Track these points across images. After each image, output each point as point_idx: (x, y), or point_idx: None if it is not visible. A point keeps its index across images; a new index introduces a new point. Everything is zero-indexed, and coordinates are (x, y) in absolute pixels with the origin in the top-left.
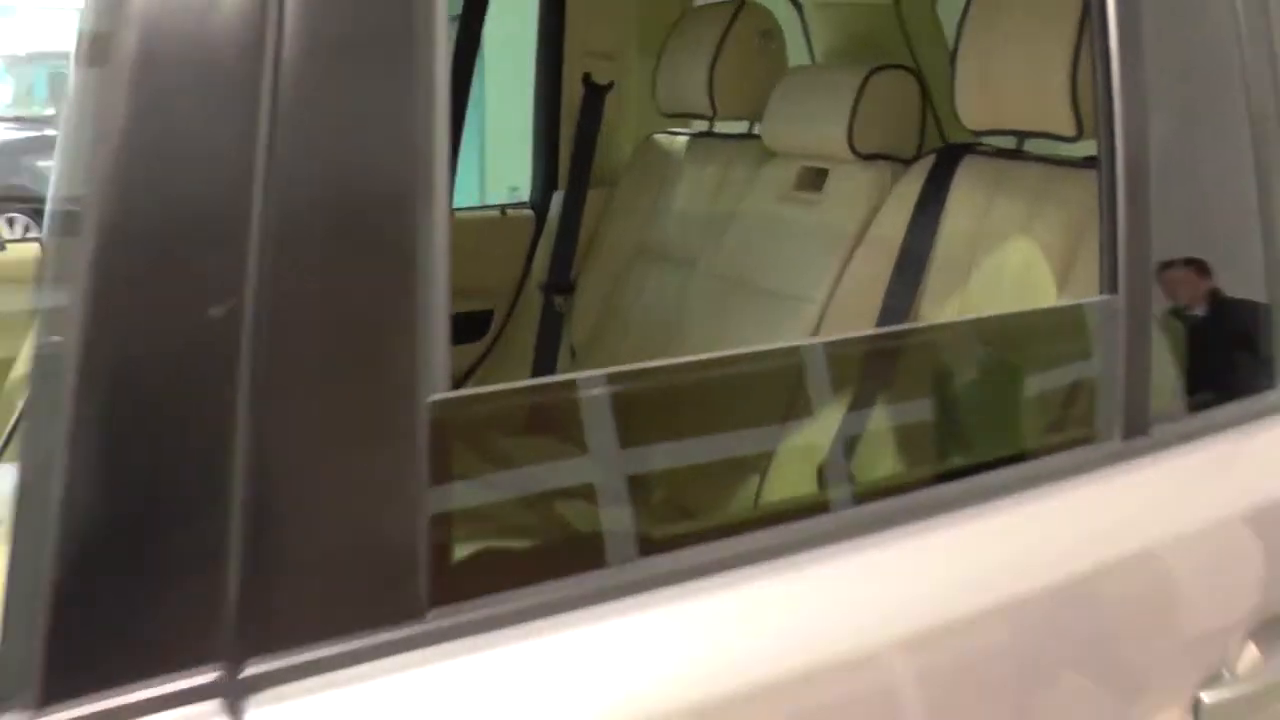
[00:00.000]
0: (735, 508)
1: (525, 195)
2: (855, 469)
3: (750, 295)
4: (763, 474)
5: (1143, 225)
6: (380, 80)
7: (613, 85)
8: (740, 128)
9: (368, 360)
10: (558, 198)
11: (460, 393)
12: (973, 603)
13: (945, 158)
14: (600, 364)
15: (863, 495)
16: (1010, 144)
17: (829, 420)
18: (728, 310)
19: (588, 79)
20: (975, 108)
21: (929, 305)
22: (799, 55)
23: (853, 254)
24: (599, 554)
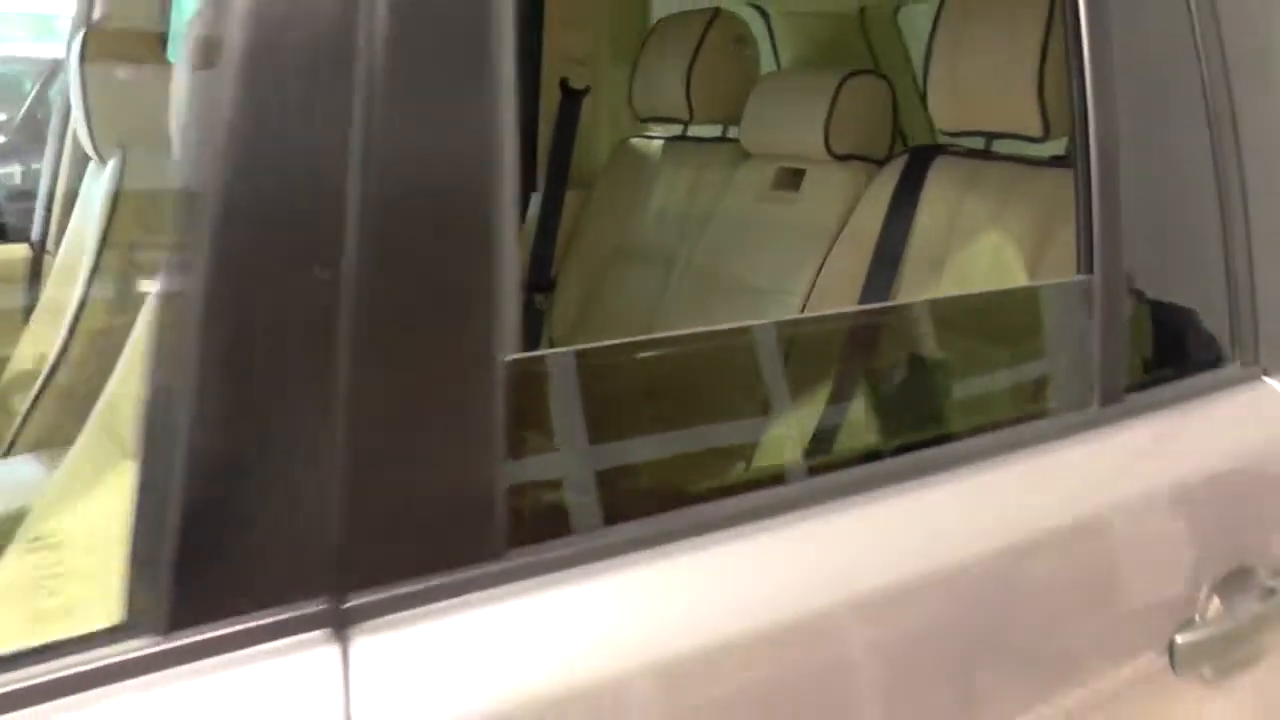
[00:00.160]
0: (781, 461)
1: None
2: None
3: (731, 290)
4: (796, 434)
5: (1114, 212)
6: (458, 75)
7: (589, 90)
8: (713, 131)
9: (450, 323)
10: (536, 199)
11: (531, 354)
12: (970, 552)
13: (918, 158)
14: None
15: (878, 453)
16: (979, 145)
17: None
18: (708, 305)
19: (564, 84)
20: (947, 110)
21: (906, 296)
22: (765, 63)
23: (831, 250)
24: (654, 501)
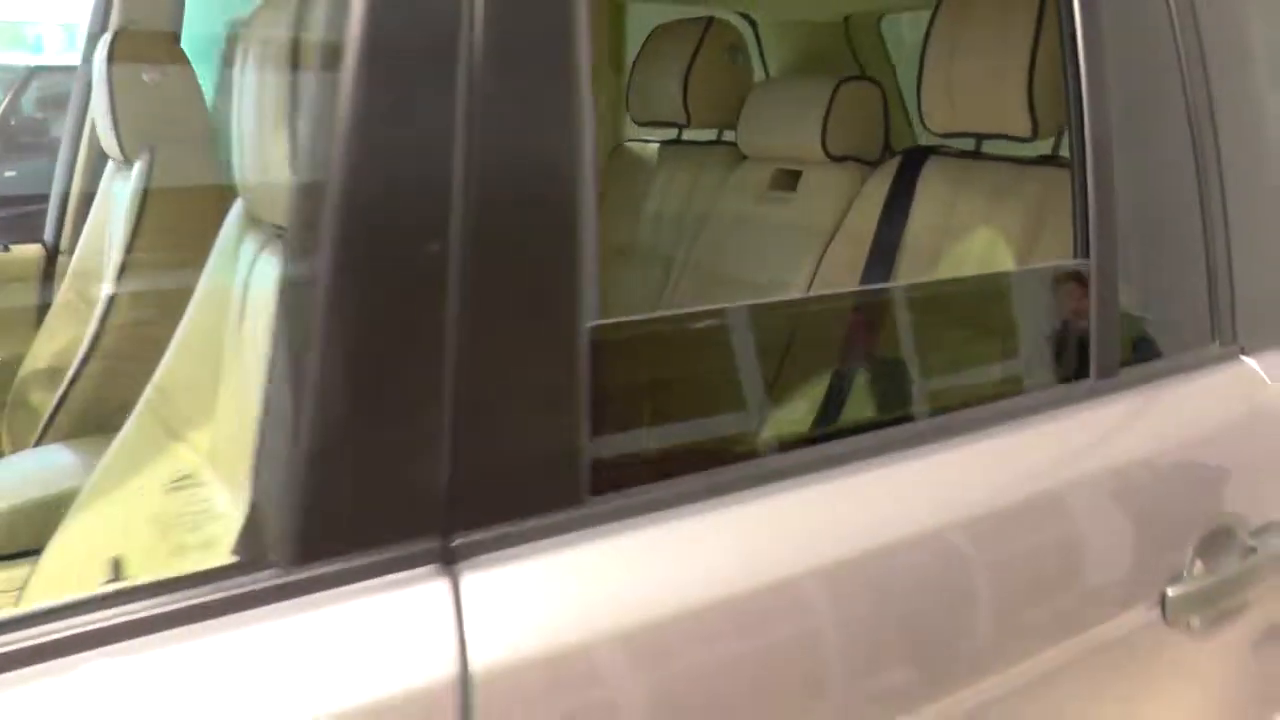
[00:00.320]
0: (820, 423)
1: None
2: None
3: (731, 286)
4: (833, 396)
5: (1108, 202)
6: (545, 77)
7: None
8: (708, 135)
9: (542, 294)
10: None
11: (612, 320)
12: (981, 508)
13: (910, 159)
14: None
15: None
16: (969, 146)
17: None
18: (709, 301)
19: None
20: (940, 113)
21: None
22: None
23: (828, 246)
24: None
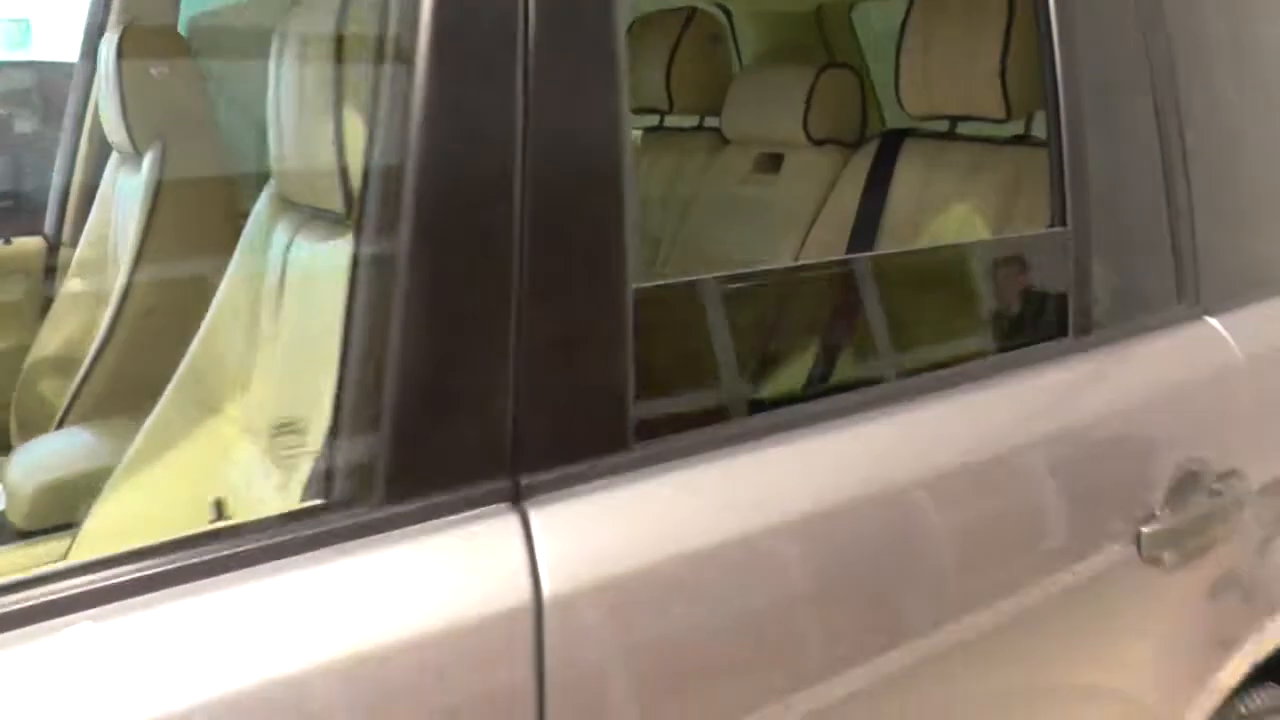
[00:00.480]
0: (833, 377)
1: None
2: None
3: (719, 265)
4: (845, 354)
5: (1082, 175)
6: (591, 69)
7: None
8: (690, 121)
9: (593, 259)
10: None
11: (655, 283)
12: (978, 453)
13: (889, 141)
14: None
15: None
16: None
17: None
18: None
19: None
20: (916, 96)
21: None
22: None
23: (813, 224)
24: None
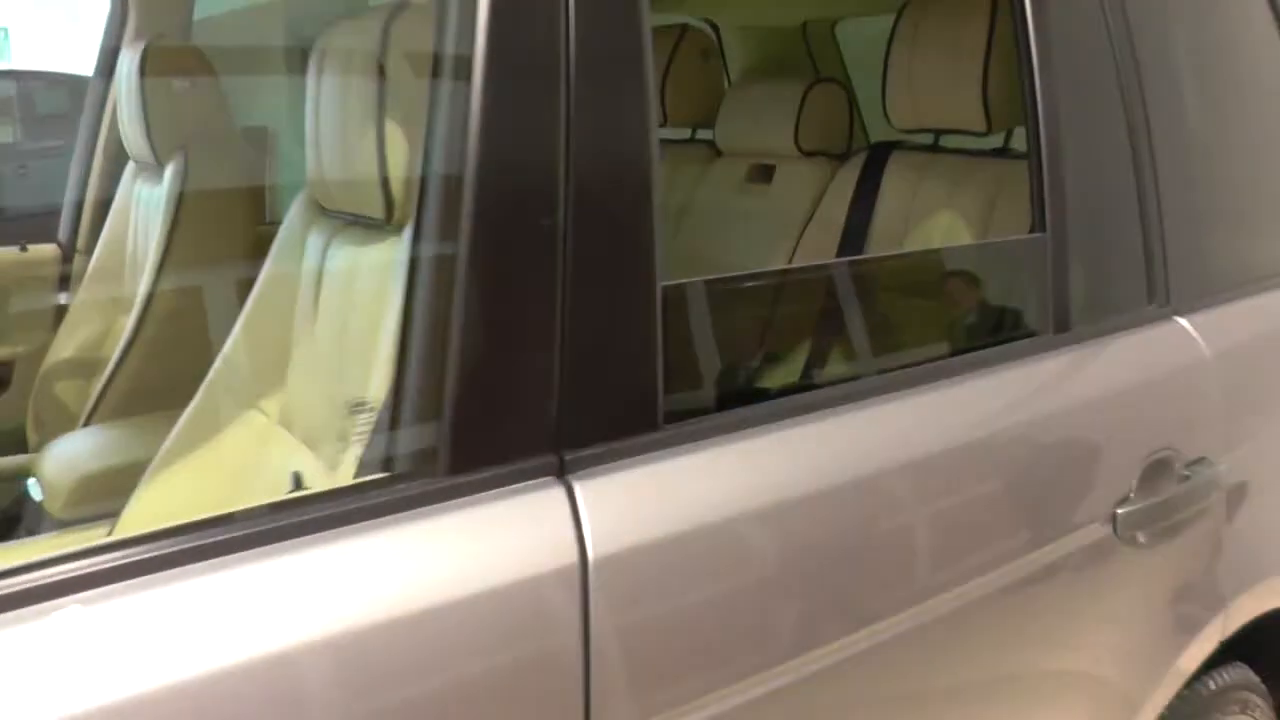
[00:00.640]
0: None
1: None
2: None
3: (714, 270)
4: (848, 345)
5: (1060, 184)
6: (624, 84)
7: None
8: (682, 134)
9: (627, 259)
10: None
11: (680, 280)
12: (966, 437)
13: (876, 153)
14: None
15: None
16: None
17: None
18: None
19: None
20: (902, 110)
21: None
22: None
23: (804, 232)
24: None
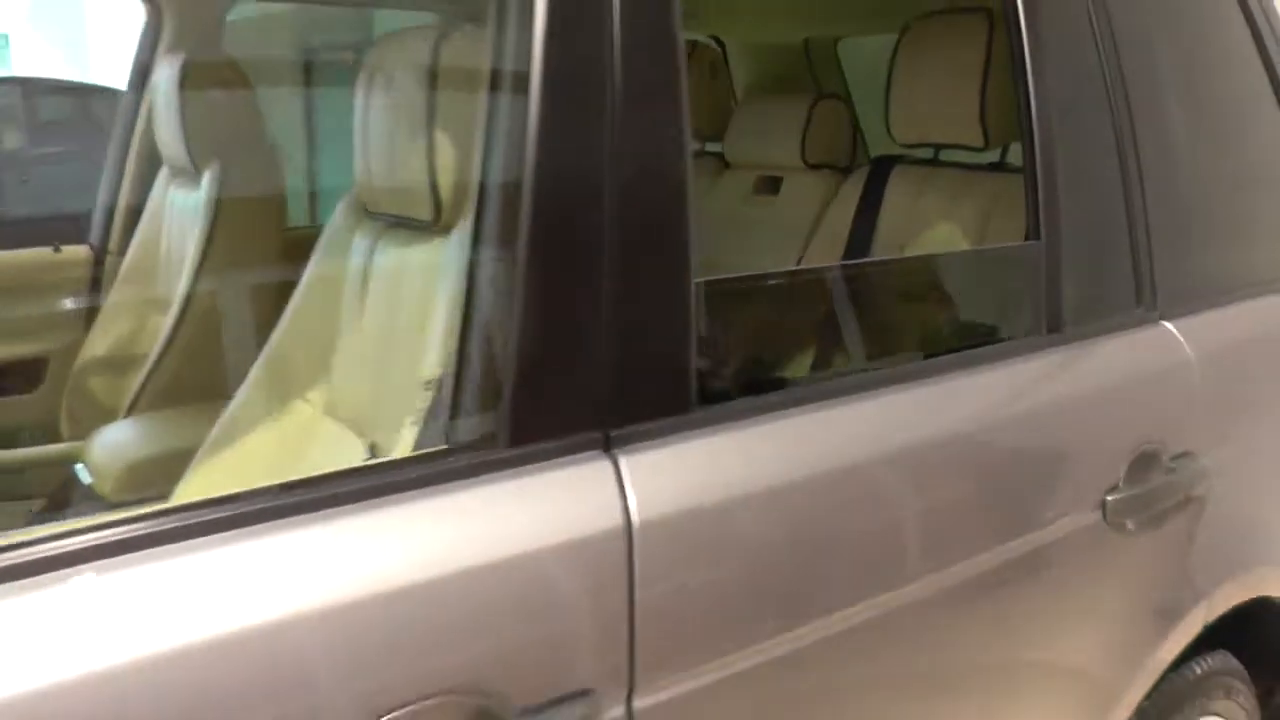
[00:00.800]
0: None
1: None
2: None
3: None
4: (859, 339)
5: (1054, 195)
6: (662, 98)
7: None
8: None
9: (665, 257)
10: None
11: (713, 276)
12: (969, 425)
13: (879, 166)
14: None
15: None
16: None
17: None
18: None
19: None
20: (904, 126)
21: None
22: None
23: (809, 242)
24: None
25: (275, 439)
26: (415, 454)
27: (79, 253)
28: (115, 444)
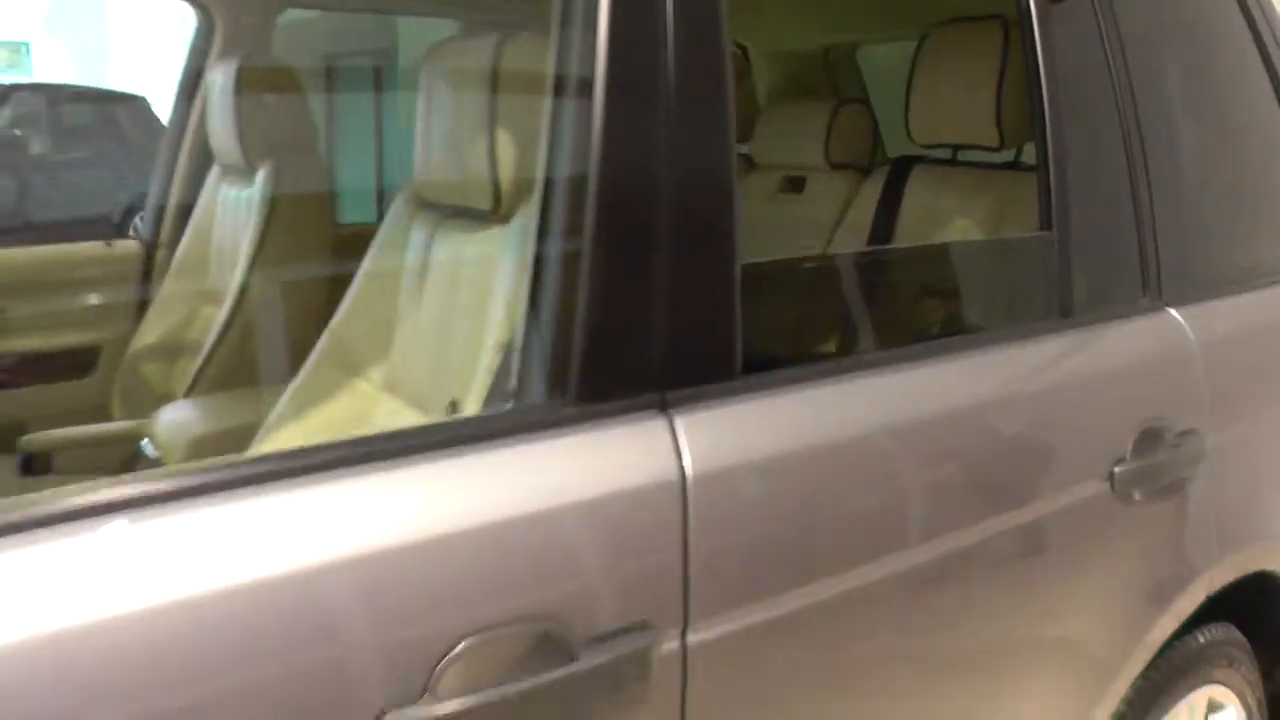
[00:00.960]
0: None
1: None
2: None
3: None
4: (887, 319)
5: (1065, 189)
6: (710, 101)
7: None
8: None
9: (714, 242)
10: None
11: (757, 260)
12: (990, 398)
13: (899, 166)
14: None
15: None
16: (946, 155)
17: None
18: None
19: None
20: (924, 127)
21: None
22: None
23: (832, 237)
24: (822, 349)
25: (336, 414)
26: (492, 411)
27: (130, 246)
28: (179, 421)
